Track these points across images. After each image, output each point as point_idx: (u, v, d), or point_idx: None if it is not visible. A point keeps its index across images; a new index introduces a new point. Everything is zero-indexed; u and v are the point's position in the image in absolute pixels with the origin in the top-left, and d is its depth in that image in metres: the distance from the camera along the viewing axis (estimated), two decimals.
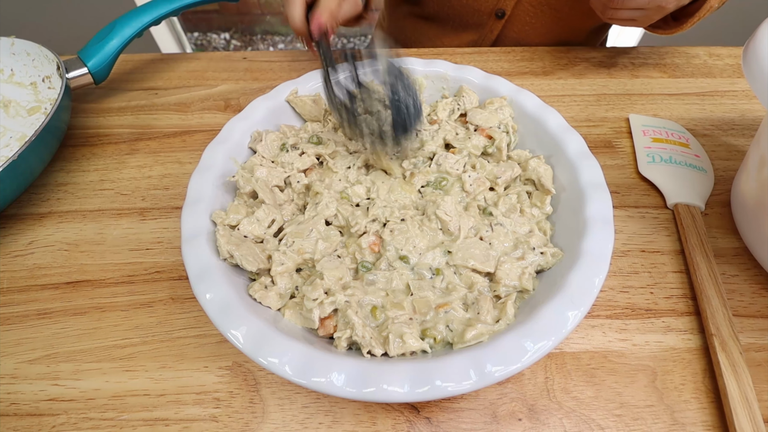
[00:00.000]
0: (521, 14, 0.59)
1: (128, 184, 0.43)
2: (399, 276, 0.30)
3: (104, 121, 0.49)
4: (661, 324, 0.33)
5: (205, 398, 0.30)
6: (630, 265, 0.36)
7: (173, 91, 0.52)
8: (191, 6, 0.49)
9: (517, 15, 0.59)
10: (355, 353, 0.27)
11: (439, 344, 0.28)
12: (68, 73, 0.44)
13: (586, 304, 0.26)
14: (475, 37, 0.64)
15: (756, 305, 0.34)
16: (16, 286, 0.36)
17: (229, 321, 0.26)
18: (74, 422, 0.29)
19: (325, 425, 0.29)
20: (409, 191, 0.35)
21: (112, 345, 0.32)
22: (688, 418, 0.29)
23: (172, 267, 0.37)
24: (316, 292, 0.28)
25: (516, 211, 0.33)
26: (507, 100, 0.40)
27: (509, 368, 0.24)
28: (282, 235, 0.32)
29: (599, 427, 0.29)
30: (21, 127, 0.45)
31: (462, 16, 0.62)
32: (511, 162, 0.36)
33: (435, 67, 0.42)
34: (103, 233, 0.39)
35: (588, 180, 0.32)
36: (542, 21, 0.59)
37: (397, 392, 0.23)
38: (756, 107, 0.49)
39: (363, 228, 0.32)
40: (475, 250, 0.31)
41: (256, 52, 0.57)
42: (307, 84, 0.41)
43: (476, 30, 0.63)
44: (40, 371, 0.31)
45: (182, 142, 0.46)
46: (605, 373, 0.31)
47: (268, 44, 2.01)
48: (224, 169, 0.35)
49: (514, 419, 0.29)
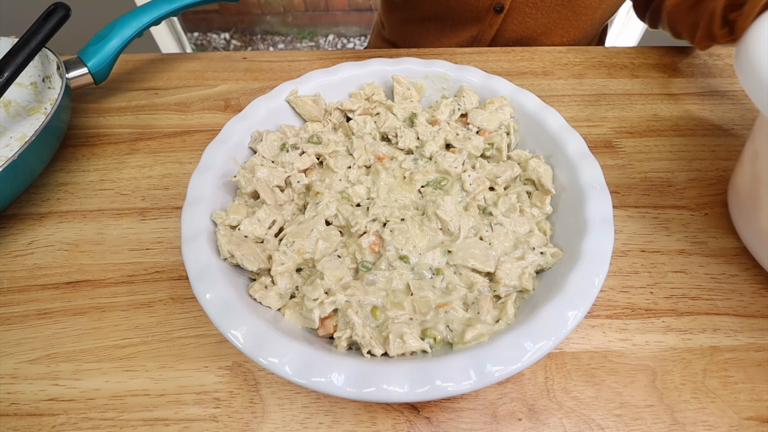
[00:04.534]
0: (520, 7, 0.59)
1: (128, 184, 0.43)
2: (399, 276, 0.30)
3: (104, 121, 0.49)
4: (661, 324, 0.33)
5: (205, 398, 0.30)
6: (630, 265, 0.36)
7: (173, 91, 0.52)
8: (191, 6, 0.49)
9: (516, 8, 0.59)
10: (355, 353, 0.27)
11: (439, 344, 0.28)
12: (68, 73, 0.45)
13: (586, 304, 0.26)
14: (475, 33, 0.63)
15: (756, 305, 0.34)
16: (16, 286, 0.36)
17: (229, 321, 0.26)
18: (74, 422, 0.29)
19: (325, 425, 0.29)
20: (409, 191, 0.35)
21: (112, 345, 0.32)
22: (688, 418, 0.29)
23: (172, 267, 0.37)
24: (317, 292, 0.28)
25: (516, 211, 0.34)
26: (507, 100, 0.40)
27: (509, 368, 0.24)
28: (282, 235, 0.32)
29: (599, 427, 0.29)
30: (21, 127, 0.45)
31: (460, 13, 0.62)
32: (511, 162, 0.36)
33: (435, 68, 0.42)
34: (103, 233, 0.39)
35: (588, 180, 0.32)
36: (542, 13, 0.59)
37: (397, 392, 0.23)
38: (756, 107, 0.49)
39: (363, 228, 0.32)
40: (475, 250, 0.31)
41: (256, 52, 0.57)
42: (307, 84, 0.41)
43: (475, 26, 0.62)
44: (40, 371, 0.31)
45: (182, 142, 0.46)
46: (605, 373, 0.31)
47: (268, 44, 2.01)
48: (224, 169, 0.35)
49: (514, 419, 0.29)
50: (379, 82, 0.43)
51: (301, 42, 2.02)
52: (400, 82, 0.41)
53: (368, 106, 0.41)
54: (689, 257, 0.37)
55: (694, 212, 0.39)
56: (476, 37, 0.63)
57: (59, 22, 0.43)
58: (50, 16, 0.42)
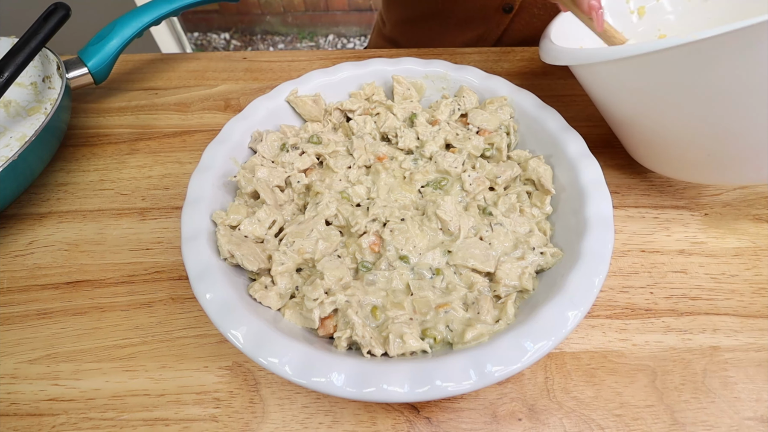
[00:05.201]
0: (529, 7, 0.58)
1: (128, 184, 0.43)
2: (399, 276, 0.30)
3: (104, 121, 0.49)
4: (661, 324, 0.33)
5: (205, 398, 0.30)
6: (630, 265, 0.36)
7: (173, 91, 0.52)
8: (191, 6, 0.49)
9: (524, 8, 0.58)
10: (355, 353, 0.27)
11: (439, 344, 0.28)
12: (68, 73, 0.45)
13: (586, 304, 0.26)
14: (480, 32, 0.62)
15: (756, 305, 0.34)
16: (16, 286, 0.36)
17: (229, 321, 0.26)
18: (74, 422, 0.29)
19: (325, 425, 0.29)
20: (409, 191, 0.35)
21: (112, 345, 0.32)
22: (688, 418, 0.29)
23: (172, 267, 0.37)
24: (317, 292, 0.28)
25: (516, 210, 0.34)
26: (507, 100, 0.40)
27: (509, 368, 0.24)
28: (282, 235, 0.32)
29: (599, 427, 0.29)
30: (21, 127, 0.45)
31: (466, 12, 0.61)
32: (510, 162, 0.36)
33: (434, 67, 0.42)
34: (103, 233, 0.39)
35: (588, 180, 0.32)
36: (550, 14, 0.59)
37: (397, 392, 0.23)
38: None
39: (363, 228, 0.32)
40: (475, 250, 0.31)
41: (256, 52, 0.57)
42: (307, 84, 0.41)
43: (481, 25, 0.61)
44: (40, 371, 0.31)
45: (182, 142, 0.46)
46: (605, 373, 0.31)
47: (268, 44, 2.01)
48: (224, 169, 0.35)
49: (514, 419, 0.29)
50: (379, 82, 0.43)
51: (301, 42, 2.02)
52: (400, 82, 0.41)
53: (368, 106, 0.41)
54: (689, 257, 0.37)
55: (694, 212, 0.39)
56: (482, 36, 0.63)
57: (59, 22, 0.43)
58: (50, 16, 0.42)
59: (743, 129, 0.29)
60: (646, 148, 0.37)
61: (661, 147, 0.35)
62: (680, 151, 0.33)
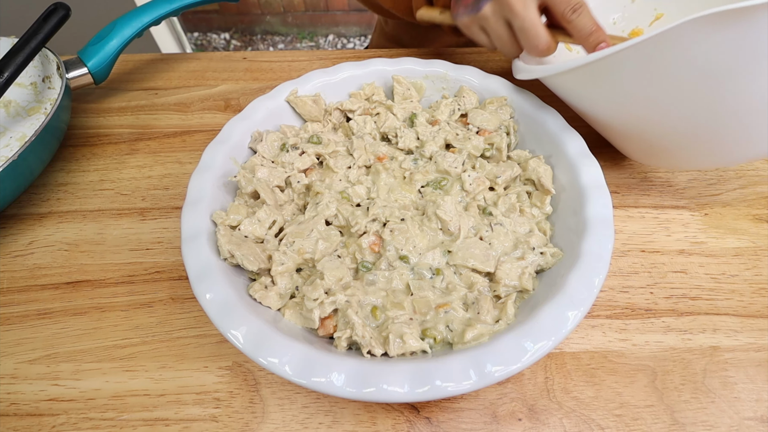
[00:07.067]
0: None
1: (128, 184, 0.43)
2: (399, 276, 0.30)
3: (104, 121, 0.49)
4: (661, 324, 0.33)
5: (205, 398, 0.30)
6: (630, 265, 0.36)
7: (173, 91, 0.52)
8: (191, 6, 0.49)
9: None
10: (355, 353, 0.27)
11: (439, 344, 0.28)
12: (68, 73, 0.44)
13: (586, 304, 0.26)
14: None
15: (756, 305, 0.34)
16: (16, 286, 0.36)
17: (229, 321, 0.26)
18: (74, 422, 0.29)
19: (325, 425, 0.29)
20: (409, 191, 0.35)
21: (112, 345, 0.33)
22: (688, 418, 0.29)
23: (172, 267, 0.37)
24: (317, 292, 0.28)
25: (516, 211, 0.34)
26: (507, 100, 0.40)
27: (509, 368, 0.24)
28: (282, 235, 0.32)
29: (599, 427, 0.29)
30: (21, 127, 0.45)
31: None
32: (510, 162, 0.36)
33: (434, 67, 0.42)
34: (103, 233, 0.39)
35: (588, 180, 0.32)
36: None
37: (397, 392, 0.23)
38: None
39: (363, 228, 0.32)
40: (475, 250, 0.31)
41: (256, 52, 0.57)
42: (307, 84, 0.41)
43: None
44: (40, 371, 0.31)
45: (182, 142, 0.46)
46: (605, 373, 0.31)
47: (268, 44, 2.01)
48: (224, 169, 0.35)
49: (514, 419, 0.29)
50: (379, 82, 0.43)
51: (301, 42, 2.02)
52: (400, 82, 0.41)
53: (368, 106, 0.41)
54: (689, 257, 0.37)
55: (694, 212, 0.39)
56: None
57: (59, 22, 0.43)
58: (50, 16, 0.42)
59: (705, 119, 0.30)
60: (624, 140, 0.38)
61: (635, 138, 0.36)
62: (653, 140, 0.34)
